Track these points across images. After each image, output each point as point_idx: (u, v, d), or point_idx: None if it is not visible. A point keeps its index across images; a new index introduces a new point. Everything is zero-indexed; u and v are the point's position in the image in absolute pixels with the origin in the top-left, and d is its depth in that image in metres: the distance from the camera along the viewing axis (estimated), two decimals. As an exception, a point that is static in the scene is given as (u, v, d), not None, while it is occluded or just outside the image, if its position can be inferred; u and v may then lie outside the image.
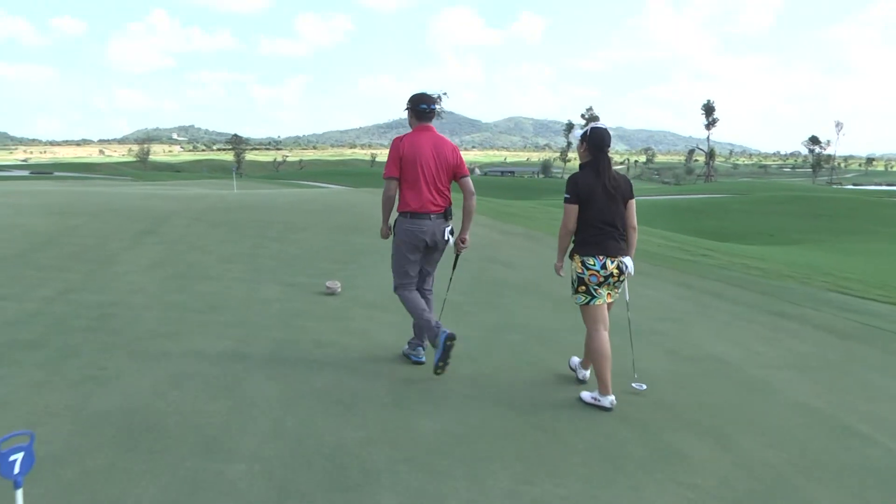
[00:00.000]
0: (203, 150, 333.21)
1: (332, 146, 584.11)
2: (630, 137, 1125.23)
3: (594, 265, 4.15)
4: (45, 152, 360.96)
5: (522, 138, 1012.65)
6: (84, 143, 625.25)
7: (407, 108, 4.71)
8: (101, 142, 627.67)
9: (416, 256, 4.75)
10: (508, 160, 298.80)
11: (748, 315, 7.28)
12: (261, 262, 8.85)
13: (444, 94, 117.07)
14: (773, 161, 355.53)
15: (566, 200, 4.22)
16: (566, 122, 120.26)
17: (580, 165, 4.29)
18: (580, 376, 4.72)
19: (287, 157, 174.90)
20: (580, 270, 4.21)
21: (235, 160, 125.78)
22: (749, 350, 5.84)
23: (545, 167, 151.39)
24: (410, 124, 4.73)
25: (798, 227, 36.10)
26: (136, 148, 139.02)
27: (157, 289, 7.14)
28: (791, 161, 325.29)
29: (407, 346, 5.10)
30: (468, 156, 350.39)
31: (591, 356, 4.32)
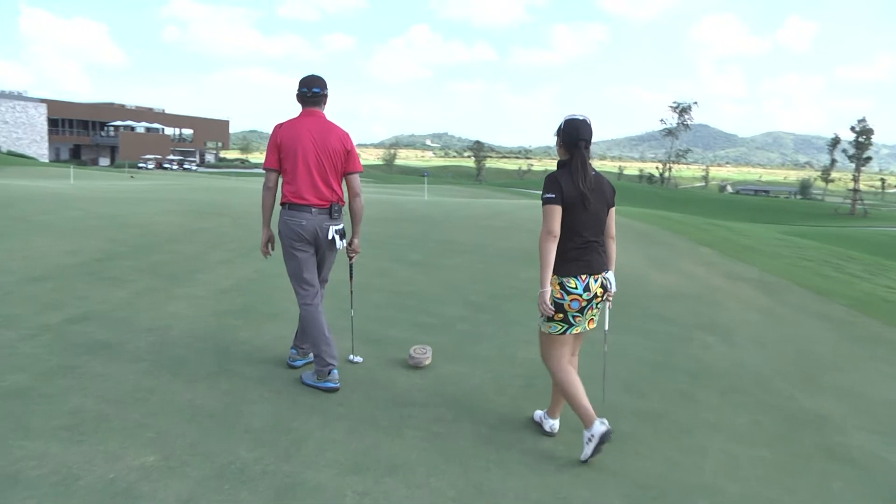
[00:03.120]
0: (454, 157, 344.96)
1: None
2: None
3: (576, 288, 3.39)
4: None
5: (781, 154, 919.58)
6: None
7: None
8: (360, 145, 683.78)
9: (305, 252, 4.12)
10: (763, 178, 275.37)
11: None
12: (366, 298, 6.63)
13: (694, 103, 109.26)
14: None
15: (548, 200, 3.37)
16: (831, 136, 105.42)
17: (557, 164, 3.55)
18: (547, 428, 3.75)
19: (532, 165, 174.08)
20: (559, 296, 3.40)
21: (476, 167, 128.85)
22: None
23: (804, 187, 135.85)
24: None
25: None
26: (385, 152, 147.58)
27: (185, 329, 5.18)
28: None
29: (310, 374, 4.21)
30: (720, 172, 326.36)
31: (564, 388, 3.48)
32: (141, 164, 64.72)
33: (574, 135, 3.43)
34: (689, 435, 3.86)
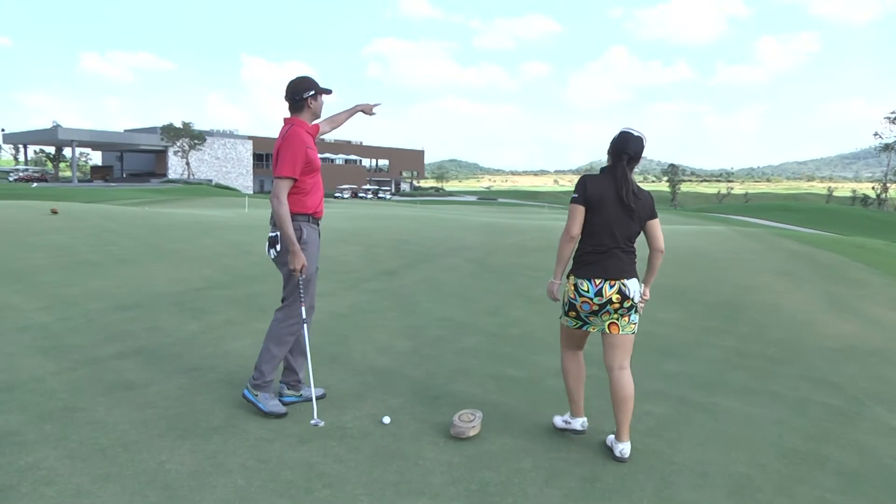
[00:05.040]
0: (653, 181, 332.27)
1: (788, 179, 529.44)
2: None
3: (587, 291, 3.48)
4: (506, 181, 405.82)
5: None
6: (541, 173, 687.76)
7: None
8: (557, 172, 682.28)
9: None
10: None
11: None
12: (458, 341, 5.82)
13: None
14: None
15: (572, 200, 3.60)
16: None
17: (600, 170, 3.67)
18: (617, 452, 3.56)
19: (732, 189, 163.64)
20: (572, 296, 3.56)
21: (671, 191, 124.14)
22: None
23: None
24: None
25: None
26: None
27: (229, 370, 4.72)
28: None
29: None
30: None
31: (563, 375, 3.78)
32: (337, 194, 68.76)
33: (621, 147, 3.59)
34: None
